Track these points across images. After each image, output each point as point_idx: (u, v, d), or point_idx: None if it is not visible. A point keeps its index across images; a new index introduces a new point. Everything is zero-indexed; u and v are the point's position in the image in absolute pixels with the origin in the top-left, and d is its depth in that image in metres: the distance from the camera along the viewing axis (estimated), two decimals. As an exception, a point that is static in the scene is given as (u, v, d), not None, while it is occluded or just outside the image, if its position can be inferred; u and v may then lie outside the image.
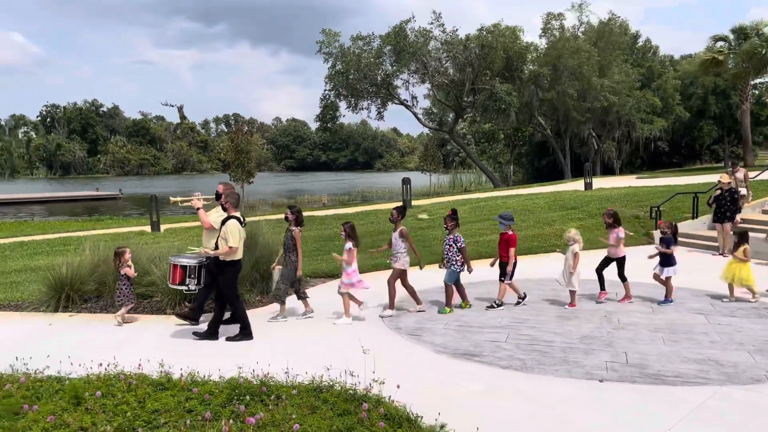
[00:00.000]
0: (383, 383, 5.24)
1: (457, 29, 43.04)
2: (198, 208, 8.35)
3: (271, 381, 5.42)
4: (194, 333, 7.71)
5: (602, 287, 9.20)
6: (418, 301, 8.87)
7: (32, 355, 6.61)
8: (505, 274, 8.86)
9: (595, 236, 14.45)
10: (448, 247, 8.76)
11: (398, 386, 5.26)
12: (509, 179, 55.63)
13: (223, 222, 7.57)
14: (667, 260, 9.00)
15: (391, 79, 43.66)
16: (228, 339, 7.57)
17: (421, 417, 4.73)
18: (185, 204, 8.75)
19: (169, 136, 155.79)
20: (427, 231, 16.59)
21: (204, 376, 5.59)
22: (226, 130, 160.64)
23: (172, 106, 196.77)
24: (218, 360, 6.46)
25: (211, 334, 7.62)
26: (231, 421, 4.64)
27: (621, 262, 9.17)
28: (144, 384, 5.42)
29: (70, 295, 9.24)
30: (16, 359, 6.37)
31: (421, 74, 43.32)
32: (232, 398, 5.09)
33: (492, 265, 9.26)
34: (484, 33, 42.11)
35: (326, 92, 44.57)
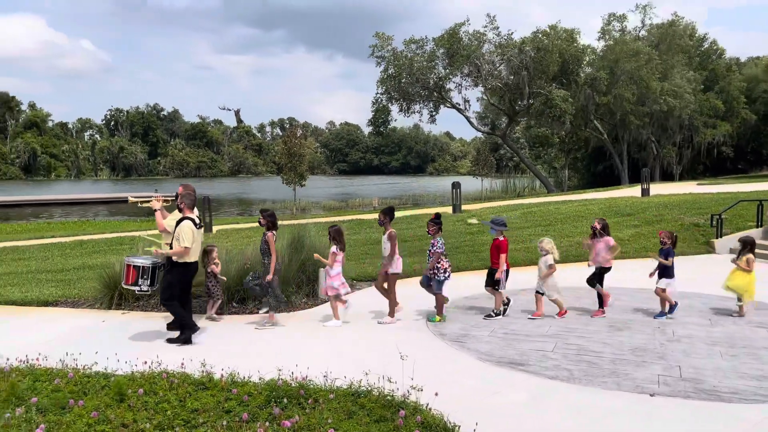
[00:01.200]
0: (421, 390, 5.13)
1: (512, 32, 42.55)
2: (156, 210, 8.27)
3: (309, 384, 5.40)
4: (168, 339, 7.56)
5: (591, 285, 8.80)
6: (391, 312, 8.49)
7: (82, 351, 6.80)
8: (494, 282, 8.45)
9: (652, 244, 13.94)
10: (429, 253, 8.49)
11: (436, 394, 5.15)
12: (564, 184, 54.51)
13: (178, 223, 7.52)
14: (665, 271, 8.50)
15: (443, 82, 43.50)
16: (168, 341, 7.50)
17: (459, 426, 4.60)
18: (144, 205, 8.64)
19: (225, 139, 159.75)
20: (476, 236, 16.36)
21: (244, 377, 5.62)
22: (280, 133, 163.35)
23: (230, 110, 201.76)
24: (259, 361, 6.48)
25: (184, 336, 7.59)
26: (267, 423, 4.62)
27: (604, 272, 8.68)
28: (185, 383, 5.48)
29: (123, 293, 9.48)
30: (67, 354, 6.56)
31: (474, 77, 42.95)
32: (270, 400, 5.09)
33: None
34: (540, 36, 41.44)
35: (378, 96, 44.78)
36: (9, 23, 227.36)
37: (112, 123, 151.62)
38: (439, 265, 8.30)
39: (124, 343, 7.47)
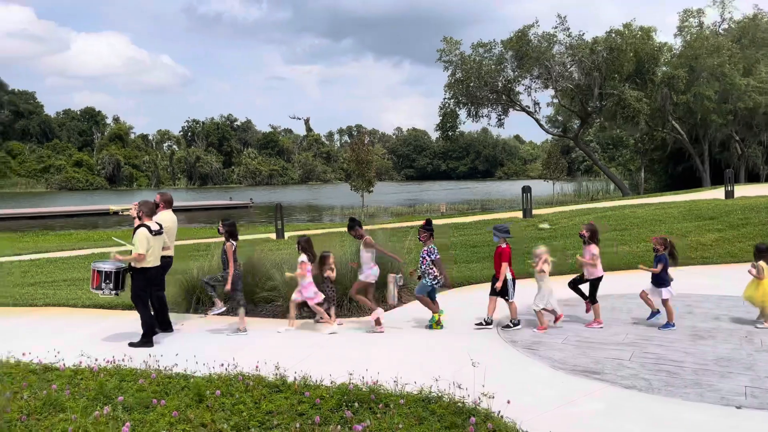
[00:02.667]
0: (493, 397, 5.07)
1: (583, 33, 41.52)
2: (135, 217, 8.49)
3: (380, 389, 5.43)
4: (129, 343, 7.85)
5: (591, 300, 8.37)
6: (372, 309, 8.48)
7: (163, 353, 7.10)
8: (498, 292, 8.20)
9: (737, 249, 13.24)
10: (422, 258, 8.37)
11: (508, 401, 5.07)
12: (640, 187, 52.56)
13: (134, 230, 7.89)
14: (659, 280, 8.03)
15: (512, 85, 42.95)
16: (130, 344, 7.78)
17: (533, 435, 4.51)
18: (125, 213, 8.98)
19: (296, 147, 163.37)
20: (548, 242, 16.00)
21: (316, 381, 5.72)
22: (348, 141, 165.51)
23: (299, 119, 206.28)
24: (331, 365, 6.57)
25: (146, 339, 7.92)
26: (339, 426, 4.69)
27: (595, 282, 8.28)
28: (260, 385, 5.63)
29: (200, 297, 9.84)
30: (150, 356, 6.86)
31: (544, 80, 42.18)
32: (341, 404, 5.16)
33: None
34: (613, 35, 40.22)
35: (446, 100, 44.66)
36: (97, 41, 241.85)
37: (189, 134, 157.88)
38: (431, 271, 8.27)
39: (202, 345, 7.75)
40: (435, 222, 23.84)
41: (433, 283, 8.33)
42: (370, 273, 8.50)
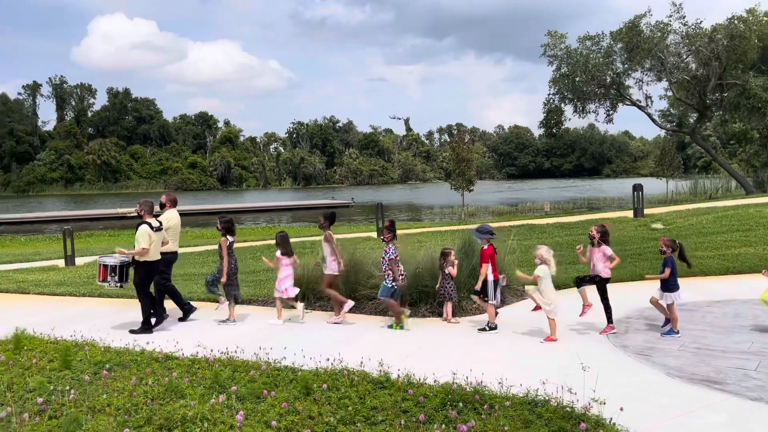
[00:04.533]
0: (604, 404, 4.85)
1: (701, 21, 38.91)
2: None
3: (484, 390, 5.36)
4: (130, 330, 8.66)
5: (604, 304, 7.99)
6: (338, 312, 8.99)
7: (273, 346, 7.37)
8: (477, 292, 8.21)
9: None
10: (382, 259, 8.58)
11: (621, 409, 4.84)
12: (766, 185, 48.54)
13: (137, 227, 8.62)
14: (666, 284, 7.60)
15: (621, 78, 40.99)
16: (131, 331, 8.56)
17: (648, 446, 4.28)
18: (132, 214, 9.70)
19: (395, 147, 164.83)
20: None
21: (419, 379, 5.72)
22: (448, 139, 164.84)
23: (399, 118, 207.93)
24: (433, 364, 6.56)
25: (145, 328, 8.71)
26: (443, 426, 4.67)
27: (604, 282, 7.92)
28: (364, 381, 5.72)
29: (306, 293, 10.15)
30: (260, 349, 7.16)
31: (657, 72, 39.91)
32: (445, 403, 5.13)
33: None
34: (735, 21, 37.41)
35: (550, 96, 43.34)
36: (212, 49, 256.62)
37: (294, 135, 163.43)
38: (390, 272, 8.44)
39: (308, 339, 7.99)
40: (539, 221, 23.33)
41: (394, 284, 8.46)
42: (334, 267, 9.06)
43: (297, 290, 9.29)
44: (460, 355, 7.06)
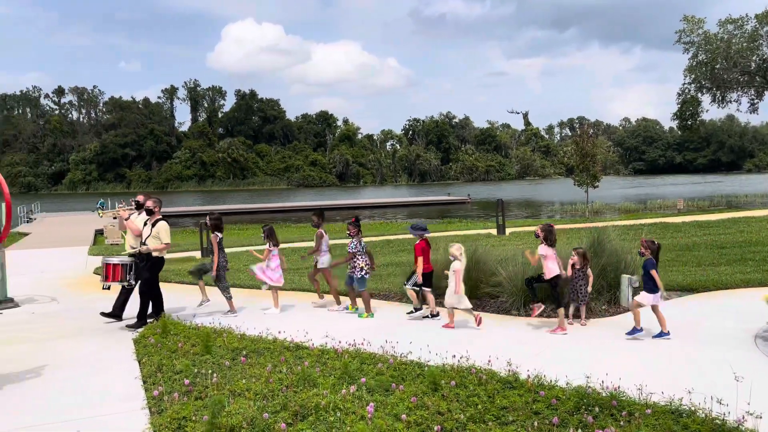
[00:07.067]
0: (760, 417, 4.44)
1: None
2: (126, 218, 9.48)
3: (622, 395, 5.07)
4: (127, 325, 8.90)
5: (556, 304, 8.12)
6: (338, 301, 9.90)
7: (398, 340, 7.44)
8: (421, 283, 8.84)
9: None
10: (349, 253, 9.28)
11: (782, 426, 4.40)
12: None
13: (153, 224, 8.94)
14: (648, 286, 7.54)
15: None
16: (128, 327, 8.78)
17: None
18: (115, 217, 9.53)
19: (513, 142, 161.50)
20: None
21: (550, 381, 5.54)
22: (569, 134, 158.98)
23: (518, 113, 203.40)
24: (563, 366, 6.33)
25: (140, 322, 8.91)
26: (579, 430, 4.48)
27: (554, 282, 8.01)
28: (493, 380, 5.61)
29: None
30: (386, 342, 7.25)
31: (810, 56, 36.14)
32: (579, 407, 4.92)
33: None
34: None
35: (685, 86, 40.49)
36: (334, 50, 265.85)
37: (410, 132, 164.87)
38: (355, 265, 9.14)
39: (433, 335, 7.99)
40: (672, 219, 21.98)
41: (362, 274, 9.16)
42: (322, 260, 9.91)
43: (278, 283, 9.78)
44: (590, 359, 6.75)
